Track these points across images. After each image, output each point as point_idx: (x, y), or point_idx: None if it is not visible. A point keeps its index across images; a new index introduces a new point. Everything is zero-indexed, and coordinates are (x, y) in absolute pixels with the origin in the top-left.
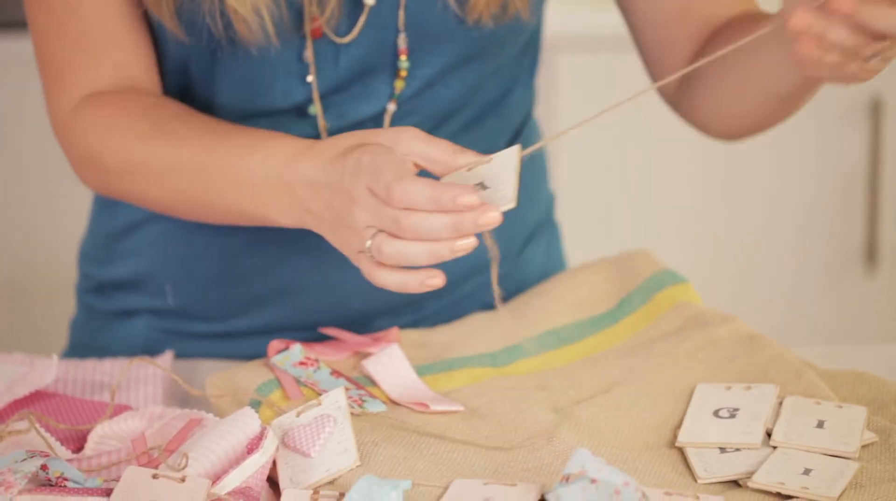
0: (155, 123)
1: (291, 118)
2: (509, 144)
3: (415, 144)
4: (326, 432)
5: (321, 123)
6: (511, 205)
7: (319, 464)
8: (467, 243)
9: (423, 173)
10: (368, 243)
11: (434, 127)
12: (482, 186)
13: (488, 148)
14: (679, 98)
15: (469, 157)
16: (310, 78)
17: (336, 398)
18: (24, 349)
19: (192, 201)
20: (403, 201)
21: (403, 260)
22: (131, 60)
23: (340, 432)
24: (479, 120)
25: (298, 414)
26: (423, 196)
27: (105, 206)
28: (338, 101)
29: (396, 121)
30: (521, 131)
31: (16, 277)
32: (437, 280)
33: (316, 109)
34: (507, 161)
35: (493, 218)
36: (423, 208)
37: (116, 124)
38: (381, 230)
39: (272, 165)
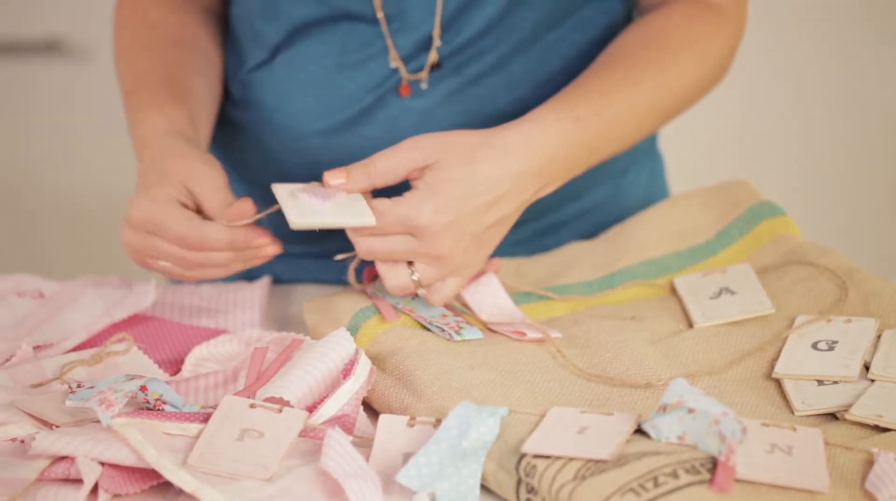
0: (148, 51)
1: None
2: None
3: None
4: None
5: None
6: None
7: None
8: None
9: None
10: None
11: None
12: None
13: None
14: None
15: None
16: None
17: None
18: (119, 274)
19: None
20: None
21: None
22: None
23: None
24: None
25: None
26: (221, 243)
27: None
28: None
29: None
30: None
31: (111, 203)
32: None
33: None
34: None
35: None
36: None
37: (130, 36)
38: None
39: (141, 129)
